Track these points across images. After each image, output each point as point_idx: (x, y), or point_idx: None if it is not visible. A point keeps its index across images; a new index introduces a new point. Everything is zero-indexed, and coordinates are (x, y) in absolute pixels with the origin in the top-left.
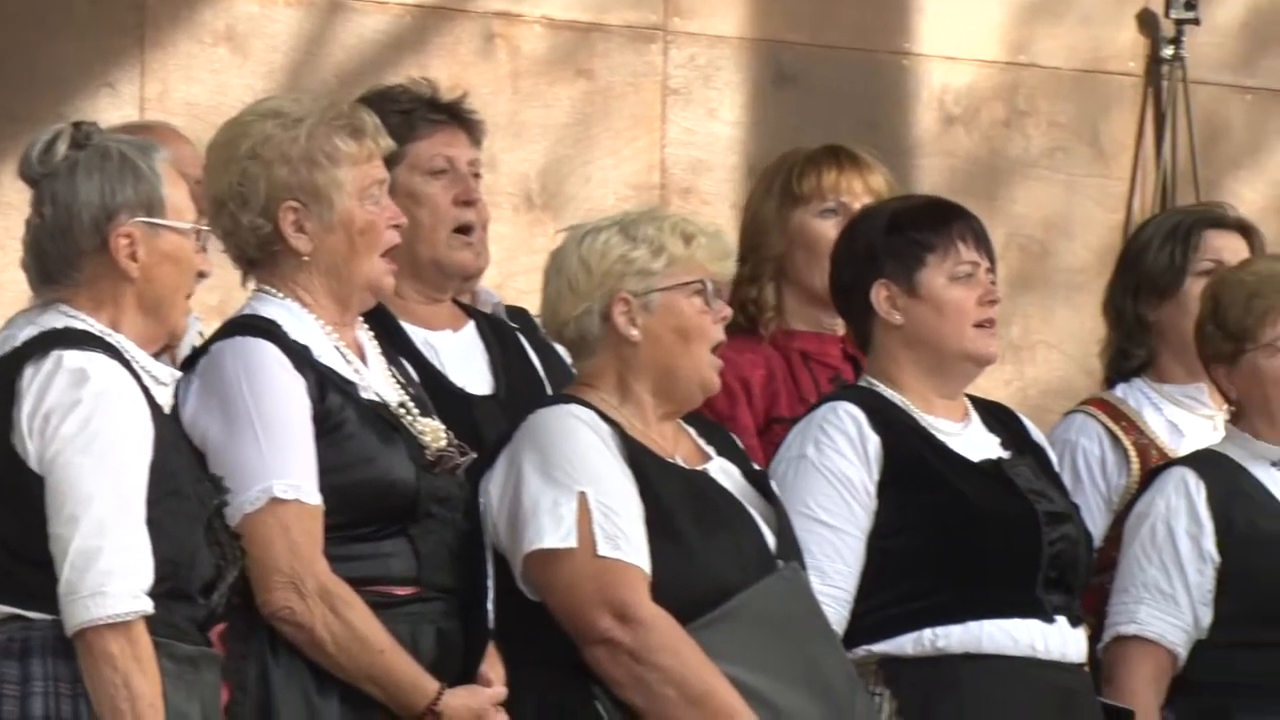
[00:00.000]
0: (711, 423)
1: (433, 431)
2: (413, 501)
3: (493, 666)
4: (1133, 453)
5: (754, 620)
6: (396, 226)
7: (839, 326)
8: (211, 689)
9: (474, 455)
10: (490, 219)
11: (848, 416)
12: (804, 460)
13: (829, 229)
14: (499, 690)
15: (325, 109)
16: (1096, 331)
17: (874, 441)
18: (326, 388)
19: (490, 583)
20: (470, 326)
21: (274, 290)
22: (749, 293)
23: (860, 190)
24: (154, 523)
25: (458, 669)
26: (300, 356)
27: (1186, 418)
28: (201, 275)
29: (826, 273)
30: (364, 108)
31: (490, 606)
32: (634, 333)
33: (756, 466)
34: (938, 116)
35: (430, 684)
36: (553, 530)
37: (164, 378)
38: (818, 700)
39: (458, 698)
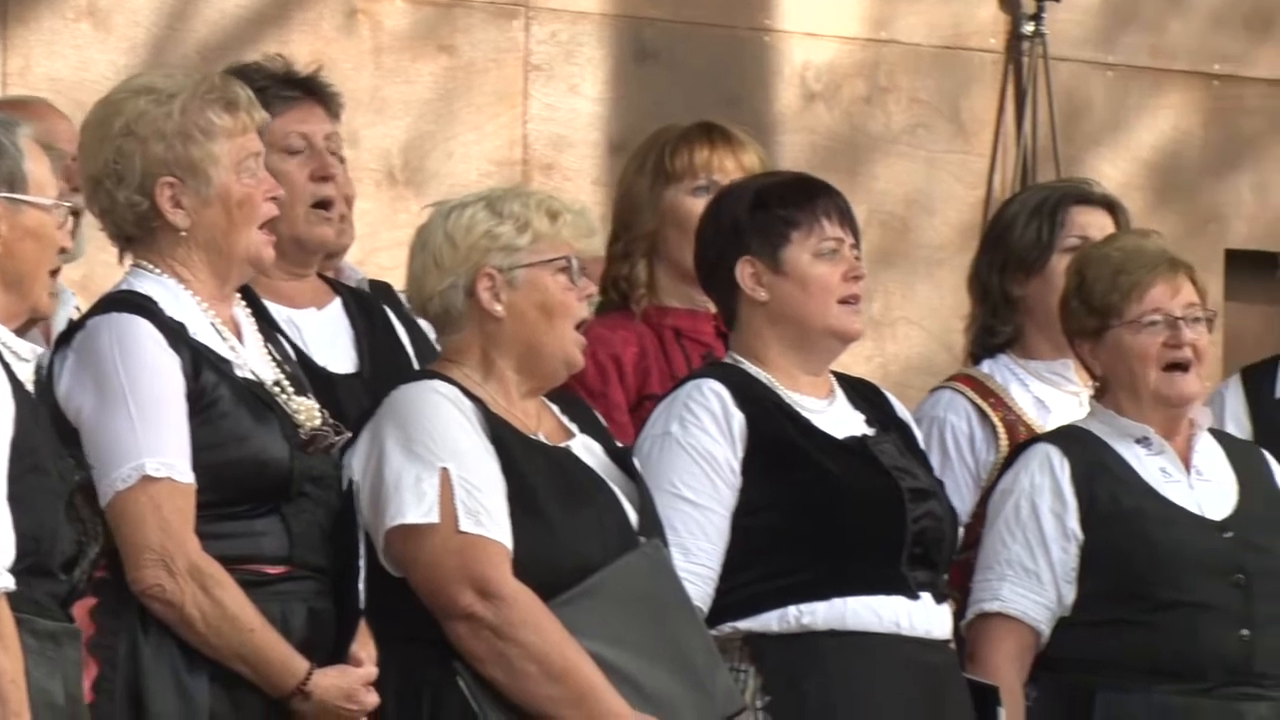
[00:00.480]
0: (575, 399)
1: (307, 410)
2: (286, 480)
3: (364, 646)
4: (1000, 429)
5: (616, 597)
6: (274, 199)
7: (711, 304)
8: (73, 665)
9: (349, 434)
10: (354, 195)
11: (712, 394)
12: (669, 438)
13: (701, 206)
14: (369, 670)
15: (198, 83)
16: (957, 307)
17: (739, 419)
18: (201, 365)
19: (362, 562)
20: (336, 303)
21: (151, 266)
22: (621, 270)
23: (732, 168)
24: (15, 499)
25: (329, 648)
26: (175, 334)
27: (1053, 394)
28: (64, 252)
29: (694, 246)
30: (237, 80)
31: (362, 586)
32: (498, 308)
33: (619, 444)
34: (799, 93)
35: (300, 663)
36: (415, 506)
37: (24, 354)
38: (679, 676)
39: (328, 677)
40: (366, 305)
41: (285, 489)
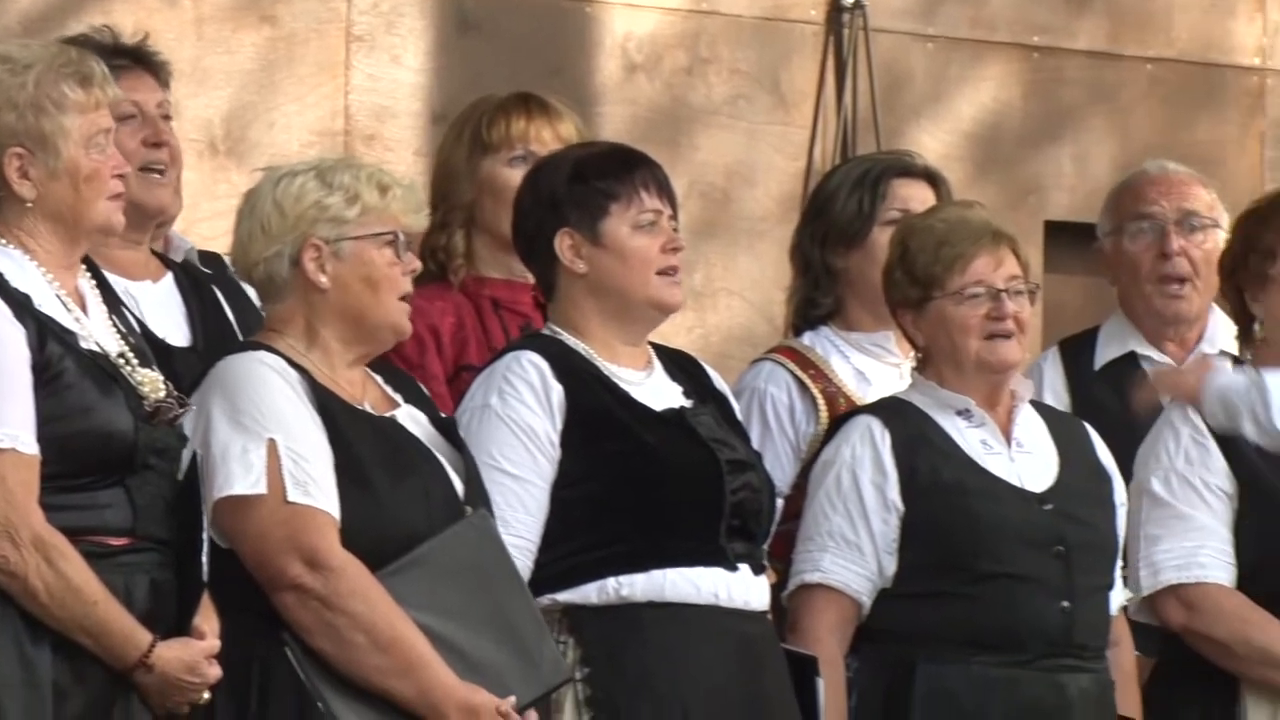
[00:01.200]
0: (399, 370)
1: (151, 382)
2: (130, 453)
3: (206, 619)
4: (821, 400)
5: (442, 567)
6: (121, 176)
7: (530, 274)
8: None
9: (193, 407)
10: (182, 162)
11: (531, 366)
12: (488, 410)
13: (518, 177)
14: (212, 643)
15: (54, 55)
16: (778, 279)
17: (557, 391)
18: (46, 337)
19: (206, 535)
20: (169, 278)
21: None
22: (439, 240)
23: (550, 138)
24: None
25: (171, 620)
26: (20, 305)
27: (873, 365)
28: None
29: (513, 218)
30: (93, 55)
31: (205, 559)
32: (323, 279)
33: (444, 414)
34: (621, 64)
35: (143, 636)
36: (242, 477)
37: None
38: (505, 646)
39: (170, 649)
40: (196, 280)
41: (130, 461)
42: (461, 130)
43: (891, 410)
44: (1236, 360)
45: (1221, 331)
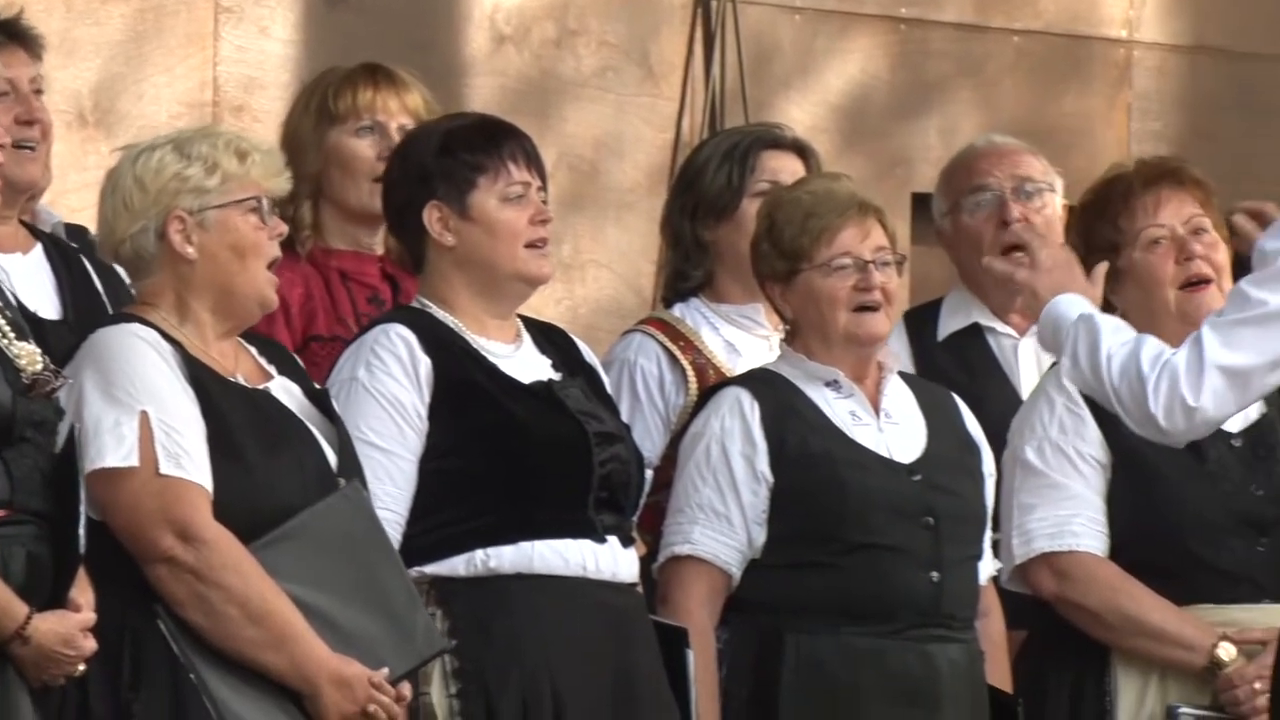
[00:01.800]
0: (272, 342)
1: (29, 355)
2: (8, 425)
3: (82, 591)
4: (691, 372)
5: (316, 539)
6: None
7: (377, 245)
8: None
9: (70, 380)
10: (53, 137)
11: (399, 339)
12: (355, 383)
13: (365, 148)
14: (87, 615)
15: None
16: (646, 251)
17: (425, 364)
18: None
19: (83, 508)
20: (38, 249)
21: None
22: (286, 211)
23: (396, 109)
24: None
25: (48, 593)
26: None
27: (743, 337)
28: None
29: (363, 191)
30: None
31: (82, 532)
32: (190, 251)
33: (316, 385)
34: (489, 36)
35: (19, 608)
36: (114, 449)
37: None
38: (379, 618)
39: (46, 622)
40: (65, 252)
41: (7, 434)
42: (308, 101)
43: (761, 382)
44: None
45: None
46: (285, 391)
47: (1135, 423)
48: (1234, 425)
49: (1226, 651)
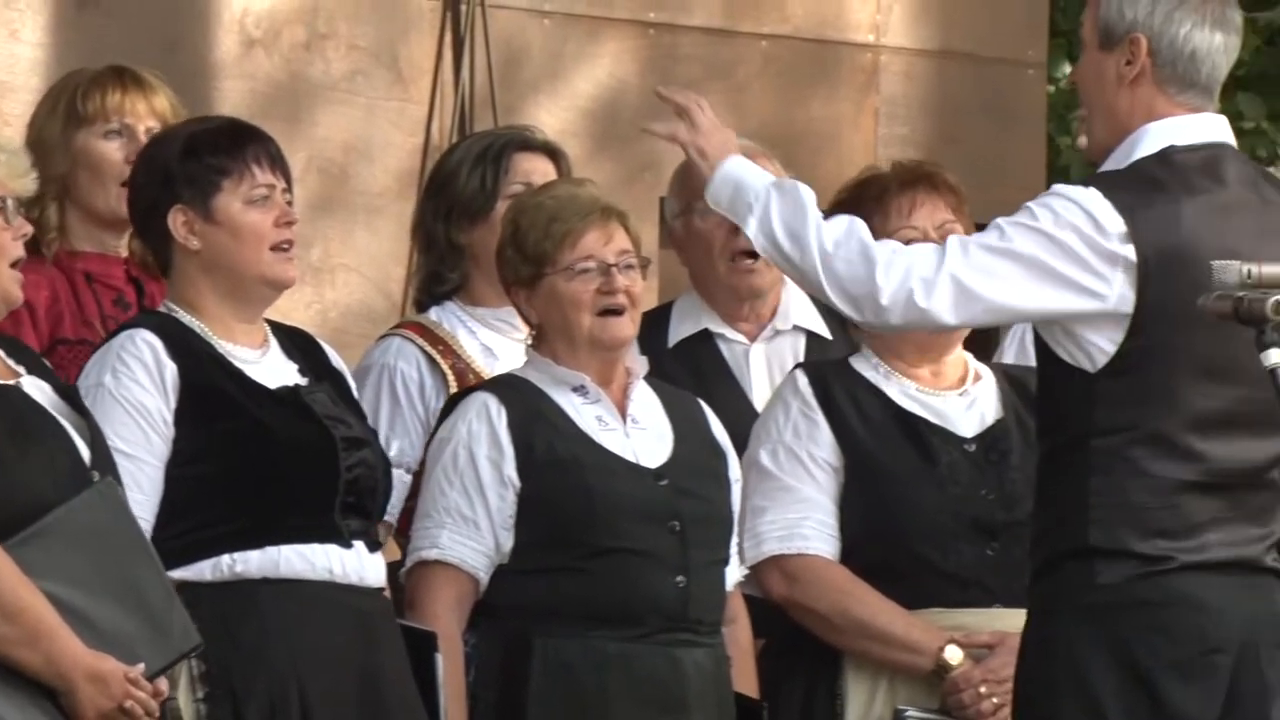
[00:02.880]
0: (17, 341)
1: None
2: None
3: None
4: (450, 376)
5: (69, 535)
6: None
7: (123, 248)
8: None
9: None
10: None
11: (145, 344)
12: (102, 389)
13: (113, 150)
14: None
15: None
16: (396, 255)
17: (171, 369)
18: None
19: None
20: None
21: None
22: (32, 213)
23: (144, 112)
24: None
25: None
26: None
27: (500, 341)
28: None
29: (110, 194)
30: None
31: None
32: None
33: (65, 383)
34: (239, 39)
35: None
36: None
37: None
38: (134, 615)
39: None
40: None
41: None
42: (55, 103)
43: (507, 387)
44: (818, 339)
45: (795, 306)
46: (37, 389)
47: (842, 296)
48: (968, 429)
49: (954, 655)
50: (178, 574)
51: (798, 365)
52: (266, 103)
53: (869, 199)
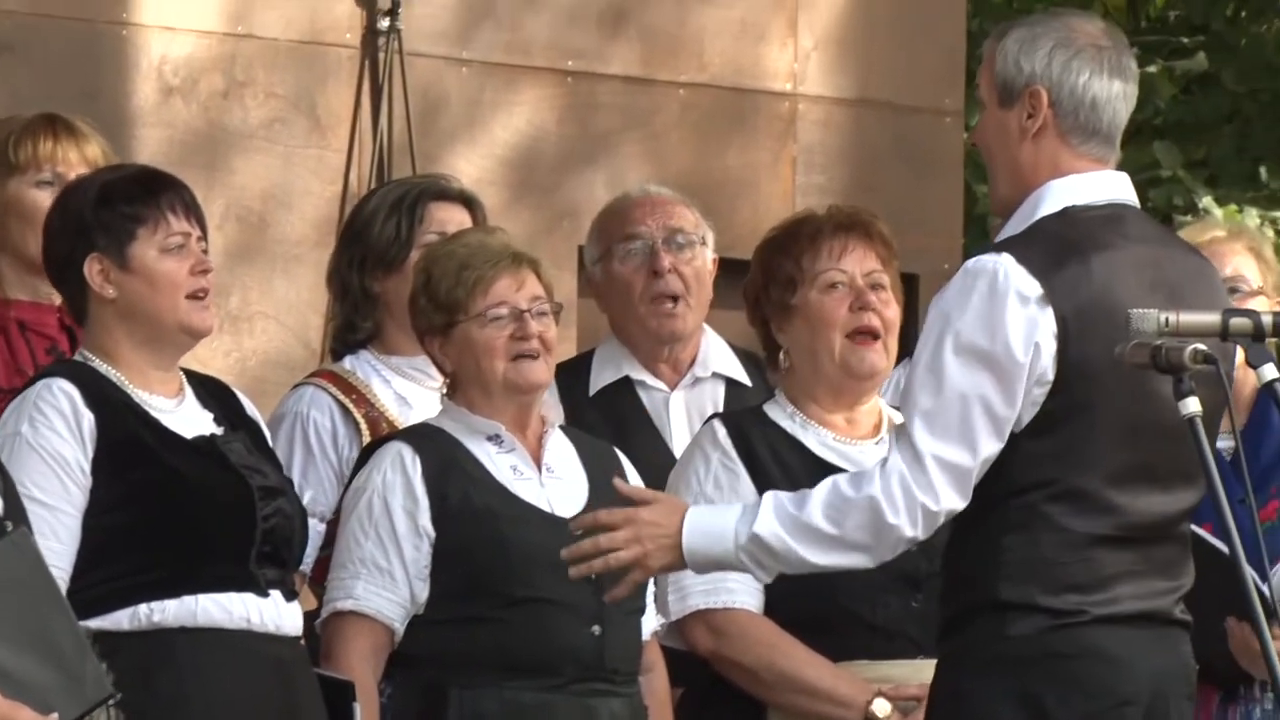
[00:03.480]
0: None
1: None
2: None
3: None
4: (364, 425)
5: None
6: None
7: (56, 296)
8: None
9: None
10: None
11: (62, 394)
12: (19, 438)
13: (45, 199)
14: None
15: None
16: (314, 303)
17: (88, 419)
18: None
19: None
20: None
21: None
22: None
23: (76, 160)
24: None
25: None
26: None
27: (414, 390)
28: None
29: (42, 242)
30: None
31: None
32: None
33: None
34: (157, 87)
35: None
36: None
37: None
38: (48, 666)
39: None
40: None
41: None
42: None
43: (422, 436)
44: (737, 385)
45: (715, 353)
46: None
47: (883, 555)
48: None
49: (881, 708)
50: (95, 623)
51: (714, 415)
52: (185, 150)
53: (803, 236)
